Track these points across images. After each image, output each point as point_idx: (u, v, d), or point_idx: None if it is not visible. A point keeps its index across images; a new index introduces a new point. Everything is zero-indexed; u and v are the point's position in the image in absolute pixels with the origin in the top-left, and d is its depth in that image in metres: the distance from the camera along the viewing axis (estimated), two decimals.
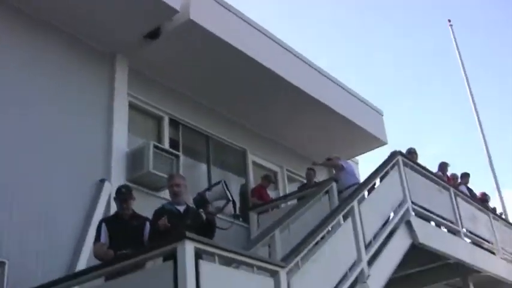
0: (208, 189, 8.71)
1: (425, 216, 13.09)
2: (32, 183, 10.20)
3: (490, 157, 23.68)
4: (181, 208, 8.60)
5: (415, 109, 53.17)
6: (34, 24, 11.46)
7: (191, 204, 8.86)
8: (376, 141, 17.82)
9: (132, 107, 12.88)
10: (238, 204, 14.82)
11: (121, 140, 12.14)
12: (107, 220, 8.98)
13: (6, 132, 10.19)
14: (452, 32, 26.73)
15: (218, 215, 8.59)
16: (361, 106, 17.34)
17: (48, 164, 10.62)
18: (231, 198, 8.07)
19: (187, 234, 6.81)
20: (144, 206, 9.24)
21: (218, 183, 8.72)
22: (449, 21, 27.15)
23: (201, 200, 8.36)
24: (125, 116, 12.47)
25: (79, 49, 12.12)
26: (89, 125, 11.73)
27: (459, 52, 26.16)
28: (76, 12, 11.59)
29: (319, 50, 49.62)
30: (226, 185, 8.22)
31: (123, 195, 8.93)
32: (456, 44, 26.44)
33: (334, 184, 13.21)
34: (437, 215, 13.56)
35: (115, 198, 9.14)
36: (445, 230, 14.10)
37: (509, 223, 18.15)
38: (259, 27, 14.09)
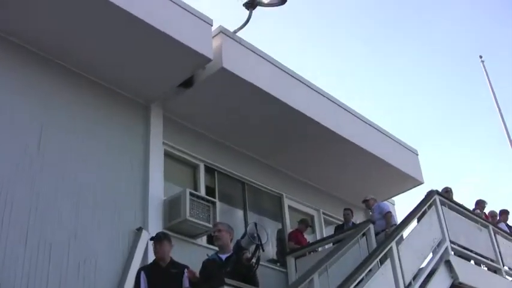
0: (244, 235, 8.74)
1: (464, 255, 12.99)
2: (69, 233, 10.30)
3: None
4: (224, 256, 8.63)
5: (450, 147, 52.75)
6: (69, 75, 11.68)
7: None
8: (412, 181, 17.69)
9: (167, 155, 12.98)
10: (273, 248, 14.90)
11: (157, 189, 12.22)
12: (145, 268, 9.04)
13: (43, 182, 10.33)
14: (484, 68, 26.65)
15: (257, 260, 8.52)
16: (396, 146, 17.29)
17: (86, 213, 10.73)
18: (258, 242, 8.04)
19: (226, 280, 6.87)
20: (182, 253, 9.32)
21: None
22: (481, 57, 27.10)
23: (237, 247, 8.38)
24: (160, 165, 12.58)
25: (114, 100, 12.30)
26: (125, 174, 11.84)
27: (492, 87, 26.06)
28: (111, 64, 11.79)
29: (351, 90, 49.65)
30: (256, 227, 8.20)
31: (155, 237, 9.12)
32: (489, 79, 26.34)
33: (371, 226, 13.18)
34: (477, 254, 13.44)
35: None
36: (486, 268, 13.95)
37: None
38: (289, 70, 14.16)
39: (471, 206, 15.88)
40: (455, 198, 14.61)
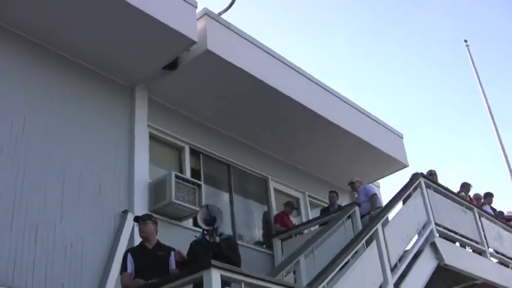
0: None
1: (449, 237, 13.06)
2: (55, 217, 10.27)
3: None
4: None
5: (435, 130, 52.99)
6: (52, 57, 11.60)
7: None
8: (397, 164, 17.75)
9: (152, 138, 12.95)
10: (259, 230, 14.96)
11: (143, 171, 12.19)
12: (132, 250, 9.04)
13: (29, 166, 10.28)
14: (469, 52, 26.64)
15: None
16: (381, 129, 17.32)
17: (71, 196, 10.68)
18: (210, 226, 8.08)
19: (213, 262, 6.86)
20: (168, 235, 9.29)
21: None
22: (466, 41, 27.02)
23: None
24: (145, 147, 12.54)
25: (98, 82, 12.23)
26: (110, 157, 11.79)
27: (477, 72, 26.04)
28: (94, 46, 11.72)
29: (336, 73, 49.66)
30: (208, 208, 8.23)
31: (139, 217, 9.24)
32: (474, 65, 26.31)
33: (357, 208, 13.23)
34: (462, 236, 13.51)
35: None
36: (471, 250, 14.03)
37: None
38: (275, 53, 14.16)
39: (456, 190, 15.95)
40: (441, 182, 14.65)
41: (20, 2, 10.50)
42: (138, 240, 9.47)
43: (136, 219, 9.26)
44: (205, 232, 8.17)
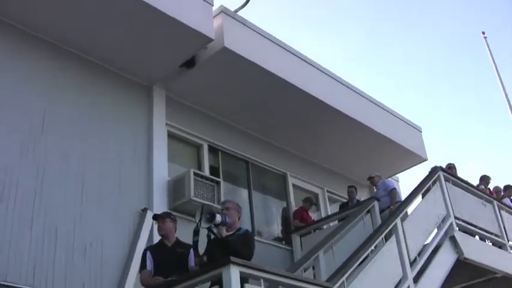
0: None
1: (469, 230, 13.03)
2: (75, 216, 10.35)
3: None
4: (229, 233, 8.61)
5: (454, 124, 52.74)
6: (70, 58, 11.69)
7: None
8: (416, 158, 17.71)
9: (171, 136, 13.00)
10: (279, 226, 14.98)
11: (161, 169, 12.25)
12: (151, 248, 9.07)
13: (48, 166, 10.36)
14: (487, 45, 26.41)
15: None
16: (399, 124, 17.29)
17: (90, 195, 10.76)
18: (205, 226, 8.10)
19: (232, 259, 6.89)
20: (187, 233, 9.30)
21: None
22: (483, 33, 26.79)
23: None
24: (164, 145, 12.60)
25: (117, 81, 12.31)
26: (129, 156, 11.86)
27: (495, 64, 25.81)
28: (111, 45, 11.77)
29: (353, 67, 49.53)
30: (202, 209, 8.25)
31: (157, 215, 9.31)
32: (492, 57, 26.09)
33: (376, 203, 13.20)
34: (482, 229, 13.46)
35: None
36: (490, 243, 13.98)
37: None
38: (292, 49, 14.16)
39: (476, 183, 15.88)
40: (460, 175, 14.60)
41: (39, 3, 10.58)
42: (157, 238, 9.49)
43: (155, 217, 9.31)
44: (210, 229, 8.20)
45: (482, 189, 15.31)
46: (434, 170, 13.09)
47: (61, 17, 10.92)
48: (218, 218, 8.03)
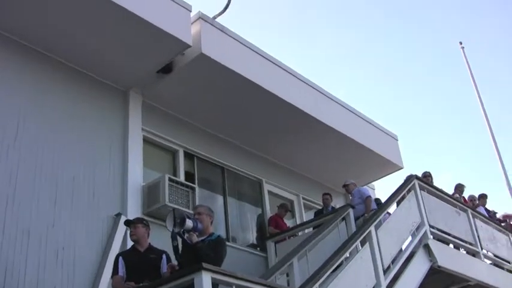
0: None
1: (443, 238, 13.07)
2: (48, 221, 10.29)
3: (507, 178, 23.34)
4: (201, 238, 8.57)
5: (429, 133, 53.02)
6: (45, 62, 11.62)
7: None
8: (391, 166, 17.78)
9: (146, 141, 12.96)
10: (253, 233, 14.97)
11: (136, 174, 12.21)
12: (123, 254, 9.03)
13: (21, 168, 10.31)
14: (464, 55, 26.52)
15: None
16: (375, 131, 17.35)
17: (64, 201, 10.70)
18: (176, 230, 8.07)
19: (204, 265, 6.87)
20: (161, 239, 9.27)
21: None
22: (461, 43, 26.86)
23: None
24: (139, 150, 12.56)
25: (92, 86, 12.25)
26: (104, 160, 11.81)
27: (472, 74, 25.93)
28: (88, 50, 11.74)
29: (330, 76, 49.67)
30: (174, 214, 8.21)
31: (129, 220, 9.27)
32: (469, 67, 26.19)
33: (351, 210, 13.24)
34: (456, 237, 13.52)
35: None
36: (464, 251, 14.04)
37: None
38: (270, 57, 14.19)
39: (451, 191, 15.95)
40: (436, 184, 14.66)
41: (11, 5, 10.52)
42: (130, 243, 9.47)
43: (127, 222, 9.26)
44: (180, 234, 8.15)
45: (457, 198, 15.39)
46: (410, 179, 13.12)
47: (34, 19, 10.87)
48: (189, 223, 8.00)
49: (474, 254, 13.96)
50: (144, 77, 12.67)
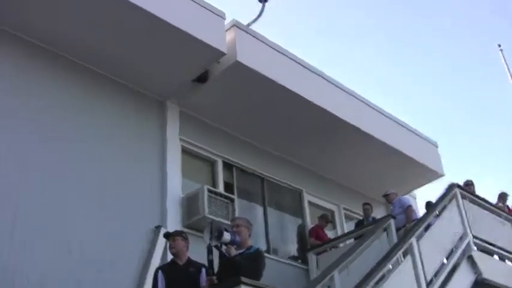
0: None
1: (488, 250, 12.78)
2: (89, 233, 10.29)
3: None
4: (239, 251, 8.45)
5: (471, 138, 52.29)
6: (84, 74, 11.67)
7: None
8: (432, 174, 17.47)
9: (185, 151, 12.93)
10: (294, 245, 14.81)
11: (175, 186, 12.18)
12: (163, 268, 8.99)
13: (62, 182, 10.35)
14: (503, 57, 26.07)
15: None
16: (415, 139, 17.08)
17: (103, 212, 10.72)
18: (214, 243, 7.93)
19: (243, 279, 6.76)
20: (202, 251, 9.17)
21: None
22: (499, 45, 26.44)
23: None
24: (178, 161, 12.53)
25: (130, 97, 12.28)
26: (142, 172, 11.80)
27: (511, 76, 25.45)
28: (124, 60, 11.77)
29: (367, 81, 49.29)
30: (212, 227, 8.08)
31: (168, 233, 9.28)
32: (508, 69, 25.72)
33: (392, 221, 13.00)
34: (501, 248, 13.21)
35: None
36: (510, 263, 13.72)
37: None
38: (305, 63, 14.04)
39: (494, 199, 15.63)
40: (478, 192, 14.37)
41: (49, 15, 10.60)
42: (171, 256, 9.40)
43: (166, 235, 9.22)
44: (218, 248, 8.03)
45: (501, 207, 15.07)
46: (451, 187, 12.86)
47: (72, 30, 10.96)
48: (226, 236, 7.87)
49: None
50: (181, 87, 12.65)
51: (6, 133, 10.07)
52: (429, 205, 14.21)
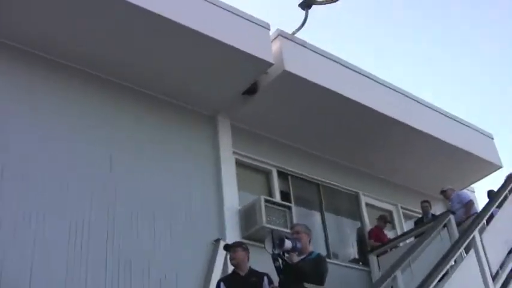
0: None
1: None
2: (148, 251, 10.42)
3: None
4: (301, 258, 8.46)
5: None
6: (132, 94, 11.87)
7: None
8: (490, 166, 17.20)
9: (239, 164, 13.00)
10: (354, 247, 14.77)
11: (232, 198, 12.25)
12: (224, 279, 9.01)
13: (118, 200, 10.51)
14: None
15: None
16: (470, 132, 16.84)
17: (163, 230, 10.83)
18: (277, 251, 7.92)
19: (306, 285, 6.79)
20: (262, 261, 9.21)
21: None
22: None
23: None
24: (233, 174, 12.61)
25: (181, 114, 12.41)
26: (198, 187, 11.91)
27: None
28: (174, 79, 11.91)
29: (418, 80, 48.74)
30: (273, 235, 8.07)
31: (228, 245, 9.33)
32: None
33: (451, 216, 12.87)
34: None
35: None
36: None
37: None
38: (353, 66, 13.98)
39: None
40: None
41: (97, 42, 10.81)
42: (231, 268, 9.46)
43: (226, 247, 9.28)
44: (281, 256, 8.05)
45: None
46: (510, 178, 12.71)
47: (120, 52, 11.13)
48: (288, 243, 7.89)
49: None
50: (230, 101, 12.74)
51: (76, 156, 10.40)
52: (491, 194, 14.04)
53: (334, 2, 13.92)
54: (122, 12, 10.30)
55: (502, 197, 12.28)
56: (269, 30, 12.34)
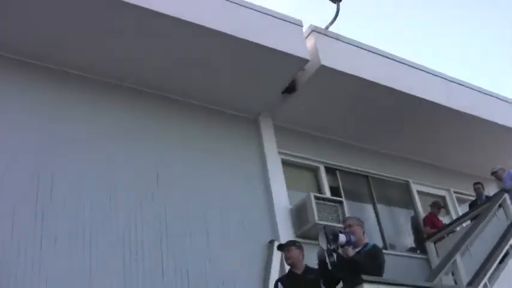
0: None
1: None
2: (204, 258, 10.44)
3: None
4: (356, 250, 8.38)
5: None
6: (174, 104, 11.96)
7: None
8: None
9: (285, 163, 12.96)
10: (410, 236, 14.61)
11: (282, 198, 12.21)
12: (281, 279, 8.99)
13: (168, 208, 10.56)
14: None
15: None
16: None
17: (216, 236, 10.85)
18: (331, 247, 7.83)
19: (364, 277, 6.73)
20: (316, 258, 9.16)
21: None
22: None
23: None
24: (280, 174, 12.58)
25: (223, 119, 12.46)
26: (248, 190, 11.93)
27: None
28: (214, 86, 11.97)
29: (458, 64, 48.13)
30: (325, 231, 7.98)
31: (281, 245, 9.29)
32: None
33: (506, 195, 12.68)
34: None
35: None
36: None
37: None
38: (390, 55, 13.85)
39: None
40: None
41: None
42: (288, 268, 9.42)
43: (280, 247, 9.26)
44: (335, 250, 7.97)
45: None
46: None
47: (158, 64, 11.20)
48: (342, 237, 7.82)
49: None
50: (271, 101, 12.75)
51: (124, 170, 10.51)
52: None
53: None
54: (161, 23, 10.34)
55: None
56: (302, 27, 12.31)
